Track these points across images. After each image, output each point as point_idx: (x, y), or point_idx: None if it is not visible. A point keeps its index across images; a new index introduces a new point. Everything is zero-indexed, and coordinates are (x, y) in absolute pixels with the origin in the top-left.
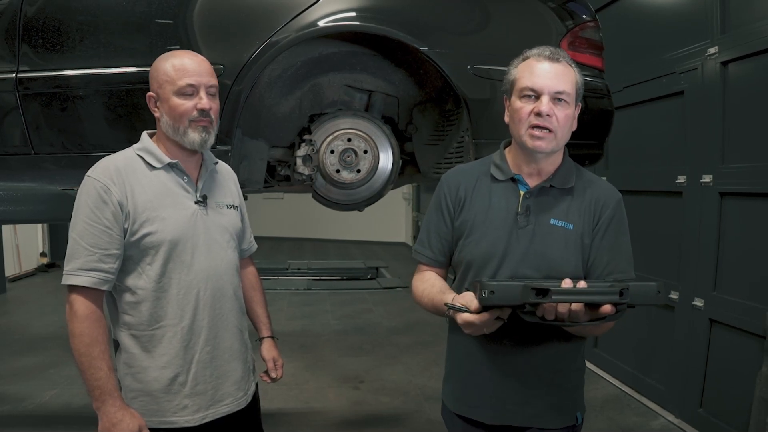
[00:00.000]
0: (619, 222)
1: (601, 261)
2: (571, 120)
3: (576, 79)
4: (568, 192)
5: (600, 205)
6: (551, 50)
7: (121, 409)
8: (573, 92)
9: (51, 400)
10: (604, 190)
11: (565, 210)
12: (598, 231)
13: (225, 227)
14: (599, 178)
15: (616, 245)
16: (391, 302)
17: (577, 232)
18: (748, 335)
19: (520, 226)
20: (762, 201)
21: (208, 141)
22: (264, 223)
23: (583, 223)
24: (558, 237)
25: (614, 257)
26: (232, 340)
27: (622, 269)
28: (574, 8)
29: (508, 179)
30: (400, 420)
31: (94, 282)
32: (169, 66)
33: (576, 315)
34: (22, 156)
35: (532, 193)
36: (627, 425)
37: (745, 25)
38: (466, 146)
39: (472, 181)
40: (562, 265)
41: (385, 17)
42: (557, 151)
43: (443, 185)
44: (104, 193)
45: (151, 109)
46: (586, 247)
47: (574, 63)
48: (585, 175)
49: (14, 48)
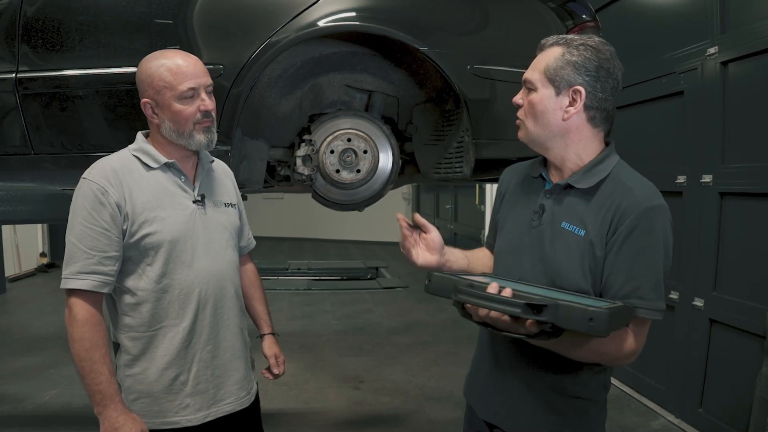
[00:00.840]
0: (643, 235)
1: (616, 280)
2: (544, 107)
3: (548, 61)
4: (589, 193)
5: (620, 213)
6: (548, 38)
7: (123, 413)
8: (540, 77)
9: (51, 400)
10: (632, 196)
11: (581, 214)
12: (613, 244)
13: (224, 226)
14: (640, 182)
15: (635, 264)
16: (391, 302)
17: (587, 240)
18: (748, 335)
19: (532, 226)
20: (762, 201)
21: (213, 140)
22: (264, 223)
23: (597, 231)
24: (566, 242)
25: (633, 278)
26: (234, 338)
27: (642, 295)
28: (574, 8)
29: (539, 176)
30: (400, 420)
31: (94, 285)
32: (165, 71)
33: (497, 323)
34: (21, 156)
35: (552, 192)
36: (627, 425)
37: (745, 25)
38: (466, 146)
39: (517, 178)
40: (566, 273)
41: (385, 17)
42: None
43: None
44: (101, 194)
45: (148, 116)
46: (598, 260)
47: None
48: (624, 176)
49: (14, 48)
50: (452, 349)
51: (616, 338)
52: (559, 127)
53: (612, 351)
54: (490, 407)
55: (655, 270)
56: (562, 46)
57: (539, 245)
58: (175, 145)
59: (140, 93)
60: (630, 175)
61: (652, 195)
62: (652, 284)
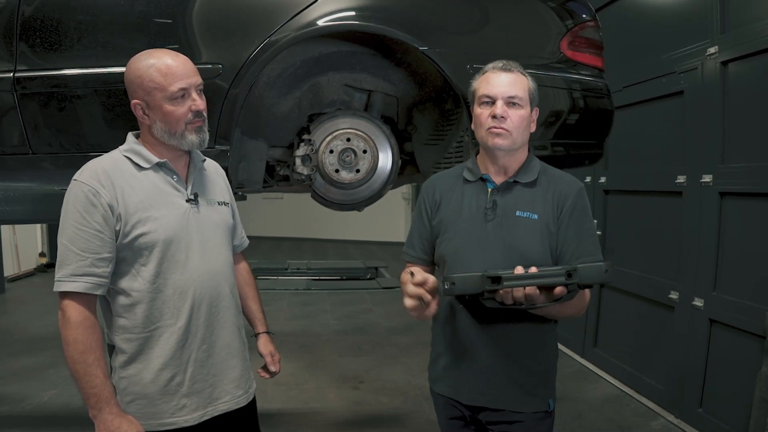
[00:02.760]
0: (581, 210)
1: (568, 247)
2: (527, 121)
3: (529, 85)
4: (532, 185)
5: (562, 196)
6: (504, 63)
7: (118, 416)
8: (526, 96)
9: (50, 400)
10: (566, 182)
11: (530, 202)
12: (562, 220)
13: (218, 224)
14: (563, 172)
15: (581, 232)
16: (390, 302)
17: (542, 222)
18: (748, 335)
19: (488, 220)
20: (762, 201)
21: (205, 140)
22: (263, 223)
23: (547, 213)
24: (524, 227)
25: (581, 243)
26: (230, 337)
27: (590, 253)
28: (574, 8)
29: (478, 179)
30: (399, 420)
31: (87, 287)
32: (154, 72)
33: (531, 298)
34: (20, 156)
35: (499, 189)
36: (626, 425)
37: (745, 24)
38: (466, 146)
39: (447, 185)
40: (530, 253)
41: (385, 17)
42: (518, 149)
43: (423, 190)
44: (93, 196)
45: (139, 117)
46: (552, 236)
47: (526, 72)
48: (549, 170)
49: (12, 47)
50: None
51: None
52: (527, 136)
53: (584, 301)
54: (476, 391)
55: (593, 233)
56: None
57: (498, 235)
58: (166, 145)
59: (130, 94)
60: (553, 168)
61: (576, 180)
62: (595, 243)
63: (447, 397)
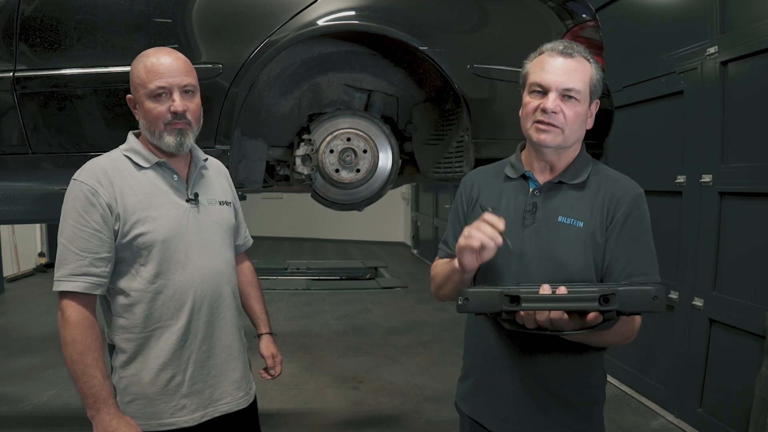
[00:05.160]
0: (637, 220)
1: (618, 262)
2: (584, 117)
3: (591, 75)
4: (580, 187)
5: (614, 201)
6: (565, 45)
7: (116, 417)
8: (585, 89)
9: (49, 400)
10: (621, 186)
11: (576, 207)
12: (612, 229)
13: (219, 224)
14: (620, 174)
15: (634, 246)
16: (390, 302)
17: (587, 230)
18: (748, 335)
19: (526, 225)
20: (762, 201)
21: (184, 144)
22: (263, 222)
23: (595, 220)
24: (566, 235)
25: (633, 258)
26: (231, 338)
27: (643, 272)
28: (573, 7)
29: (520, 176)
30: (399, 420)
31: (86, 287)
32: (141, 68)
33: (559, 324)
34: (19, 156)
35: (541, 190)
36: (626, 425)
37: (745, 24)
38: (466, 146)
39: (486, 180)
40: (570, 265)
41: (385, 16)
42: (568, 147)
43: (461, 184)
44: (92, 195)
45: (133, 112)
46: (599, 247)
47: (592, 58)
48: (603, 170)
49: (11, 47)
50: (451, 350)
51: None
52: (582, 133)
53: (631, 328)
54: (503, 419)
55: (650, 248)
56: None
57: (538, 241)
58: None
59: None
60: (609, 169)
61: (635, 184)
62: (651, 261)
63: (472, 419)
